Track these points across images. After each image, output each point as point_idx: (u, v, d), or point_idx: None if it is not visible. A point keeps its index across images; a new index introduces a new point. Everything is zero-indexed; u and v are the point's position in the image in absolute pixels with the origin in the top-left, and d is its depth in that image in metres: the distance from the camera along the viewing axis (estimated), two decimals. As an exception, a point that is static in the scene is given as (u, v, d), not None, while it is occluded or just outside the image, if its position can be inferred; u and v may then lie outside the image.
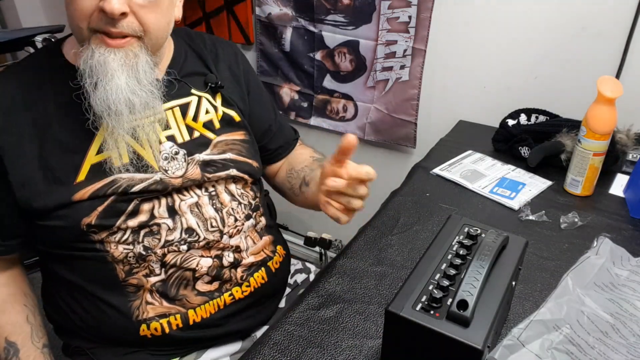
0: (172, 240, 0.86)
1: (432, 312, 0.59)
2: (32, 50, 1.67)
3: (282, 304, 1.06)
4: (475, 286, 0.59)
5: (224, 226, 0.91)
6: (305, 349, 0.73)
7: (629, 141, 1.20)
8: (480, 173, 1.21)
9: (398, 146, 1.79)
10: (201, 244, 0.88)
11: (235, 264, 0.92)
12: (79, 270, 0.86)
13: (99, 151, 0.83)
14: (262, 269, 0.97)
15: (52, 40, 1.62)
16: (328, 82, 1.81)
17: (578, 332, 0.70)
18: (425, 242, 0.96)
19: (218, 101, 0.97)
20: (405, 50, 1.60)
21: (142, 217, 0.84)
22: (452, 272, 0.63)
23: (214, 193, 0.92)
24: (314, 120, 1.91)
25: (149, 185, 0.84)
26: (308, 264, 1.18)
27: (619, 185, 1.17)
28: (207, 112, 0.94)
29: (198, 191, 0.90)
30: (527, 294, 0.83)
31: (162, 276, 0.86)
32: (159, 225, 0.85)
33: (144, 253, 0.84)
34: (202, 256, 0.89)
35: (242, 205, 0.96)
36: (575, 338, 0.69)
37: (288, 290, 1.09)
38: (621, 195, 1.13)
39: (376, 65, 1.68)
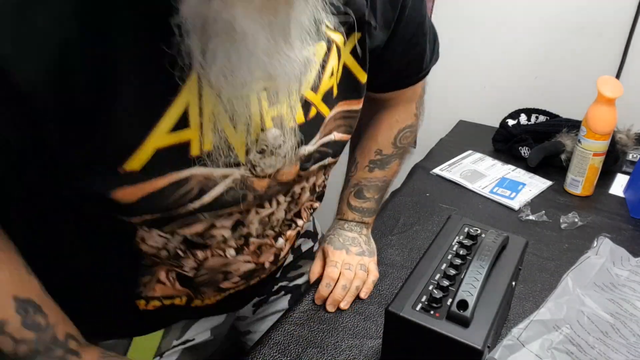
0: (222, 249, 0.65)
1: (432, 312, 0.59)
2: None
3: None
4: (475, 286, 0.59)
5: (286, 229, 0.73)
6: (306, 349, 0.73)
7: (629, 141, 1.20)
8: (481, 173, 1.21)
9: (398, 146, 1.79)
10: (251, 249, 0.69)
11: (274, 262, 0.75)
12: (88, 235, 0.63)
13: (174, 128, 0.51)
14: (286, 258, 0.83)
15: None
16: (328, 82, 1.81)
17: (578, 332, 0.70)
18: (425, 242, 0.96)
19: (347, 48, 0.63)
20: (405, 50, 1.60)
21: (198, 228, 0.60)
22: (452, 272, 0.63)
23: (297, 195, 0.69)
24: (314, 120, 1.90)
25: (225, 190, 0.57)
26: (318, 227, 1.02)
27: (619, 185, 1.16)
28: (331, 73, 0.62)
29: (281, 198, 0.66)
30: (527, 294, 0.83)
31: (190, 274, 0.67)
32: (213, 236, 0.62)
33: (181, 255, 0.63)
34: (247, 262, 0.70)
35: (312, 199, 0.75)
36: (575, 338, 0.69)
37: (291, 258, 0.95)
38: (621, 196, 1.13)
39: (376, 65, 1.67)
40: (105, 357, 0.64)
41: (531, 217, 1.04)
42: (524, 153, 1.25)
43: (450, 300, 0.59)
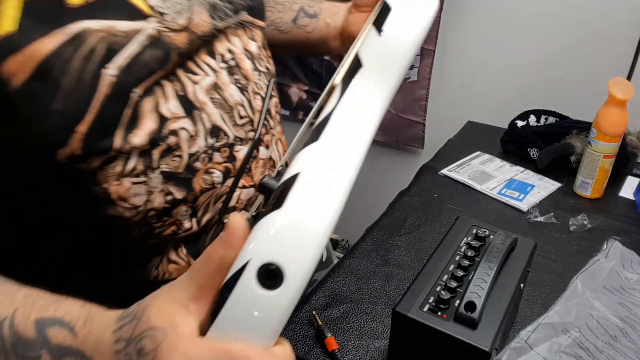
0: (197, 152, 0.56)
1: (439, 313, 0.59)
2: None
3: None
4: (483, 288, 0.58)
5: (253, 113, 0.62)
6: (312, 348, 0.73)
7: (639, 143, 1.19)
8: (489, 174, 1.20)
9: (406, 147, 1.78)
10: (236, 165, 0.61)
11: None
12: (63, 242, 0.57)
13: None
14: None
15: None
16: (336, 82, 1.81)
17: (587, 336, 0.70)
18: (432, 243, 0.96)
19: None
20: (414, 51, 1.60)
21: (150, 123, 0.51)
22: (460, 273, 0.63)
23: (232, 61, 0.61)
24: (321, 120, 1.90)
25: (141, 49, 0.49)
26: None
27: (629, 187, 1.15)
28: None
29: (211, 61, 0.58)
30: (536, 297, 0.83)
31: (195, 228, 0.61)
32: (175, 133, 0.54)
33: (170, 208, 0.56)
34: (242, 187, 0.63)
35: (263, 75, 0.65)
36: (584, 342, 0.69)
37: None
38: (631, 198, 1.12)
39: (385, 65, 1.67)
40: None
41: (540, 219, 1.03)
42: (533, 154, 1.25)
43: (458, 301, 0.59)
